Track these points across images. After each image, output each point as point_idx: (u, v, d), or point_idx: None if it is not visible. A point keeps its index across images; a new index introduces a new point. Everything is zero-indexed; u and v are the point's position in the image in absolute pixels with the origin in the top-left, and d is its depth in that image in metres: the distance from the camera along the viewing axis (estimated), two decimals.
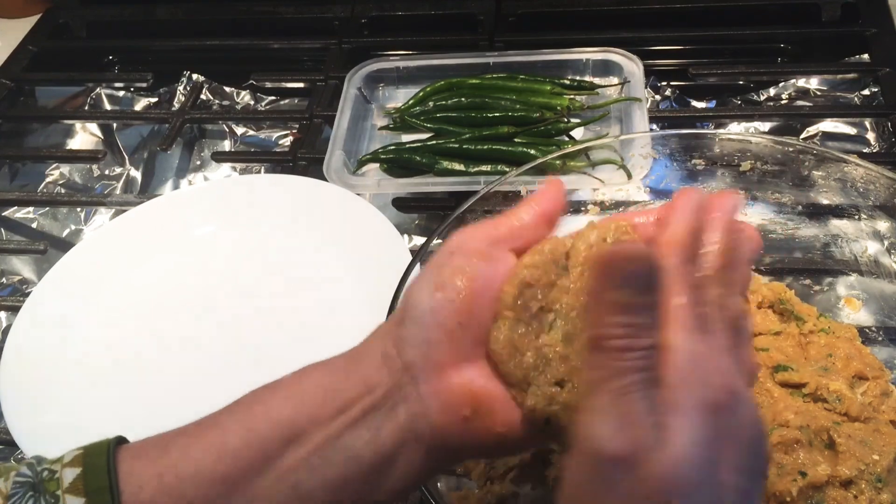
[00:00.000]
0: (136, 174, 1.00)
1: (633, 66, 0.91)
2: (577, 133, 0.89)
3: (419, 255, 0.61)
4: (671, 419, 0.33)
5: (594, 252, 0.40)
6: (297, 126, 0.98)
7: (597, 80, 0.94)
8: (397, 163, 0.88)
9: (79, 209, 0.95)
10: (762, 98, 0.97)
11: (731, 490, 0.33)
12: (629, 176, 0.77)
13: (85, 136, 1.05)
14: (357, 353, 0.43)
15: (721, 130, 0.86)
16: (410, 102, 0.94)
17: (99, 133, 1.04)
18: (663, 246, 0.38)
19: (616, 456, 0.33)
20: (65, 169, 1.00)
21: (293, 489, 0.39)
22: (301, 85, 1.06)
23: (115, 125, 1.03)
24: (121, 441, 0.42)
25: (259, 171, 0.96)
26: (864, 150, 0.88)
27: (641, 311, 0.35)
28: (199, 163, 1.01)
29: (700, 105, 0.96)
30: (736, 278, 0.39)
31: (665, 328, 0.35)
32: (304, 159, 0.92)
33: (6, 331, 0.77)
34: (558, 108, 0.88)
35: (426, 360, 0.40)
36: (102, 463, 0.40)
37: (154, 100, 1.07)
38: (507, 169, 0.82)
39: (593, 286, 0.36)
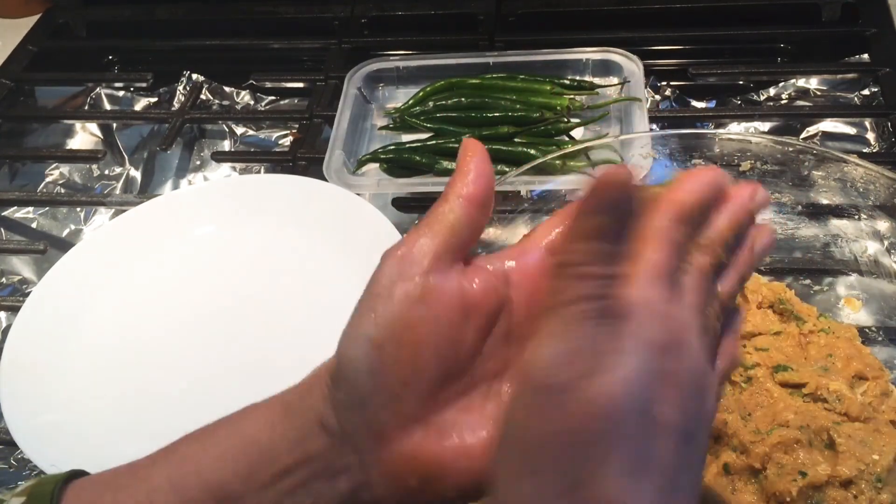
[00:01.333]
0: (136, 174, 1.00)
1: (633, 66, 0.91)
2: (577, 133, 0.89)
3: None
4: (615, 349, 0.32)
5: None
6: (297, 126, 0.98)
7: (597, 80, 0.94)
8: (397, 163, 0.88)
9: (79, 209, 0.95)
10: (762, 98, 0.97)
11: (666, 427, 0.32)
12: None
13: (85, 136, 1.05)
14: (294, 409, 0.38)
15: (721, 130, 0.86)
16: (410, 102, 0.94)
17: (99, 133, 1.04)
18: (664, 201, 0.36)
19: (557, 383, 0.31)
20: (64, 169, 1.00)
21: None
22: (301, 85, 1.06)
23: (114, 125, 1.03)
24: (74, 475, 0.41)
25: (259, 171, 0.96)
26: (864, 150, 0.88)
27: (613, 238, 0.33)
28: (198, 163, 1.01)
29: (700, 105, 0.96)
30: (735, 262, 0.38)
31: (636, 263, 0.34)
32: (304, 159, 0.92)
33: (6, 331, 0.77)
34: (558, 108, 0.88)
35: (367, 429, 0.36)
36: (47, 492, 0.39)
37: (154, 100, 1.07)
38: (507, 169, 0.82)
39: (575, 212, 0.33)
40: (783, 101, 0.96)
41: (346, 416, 0.36)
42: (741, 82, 0.98)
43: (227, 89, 1.06)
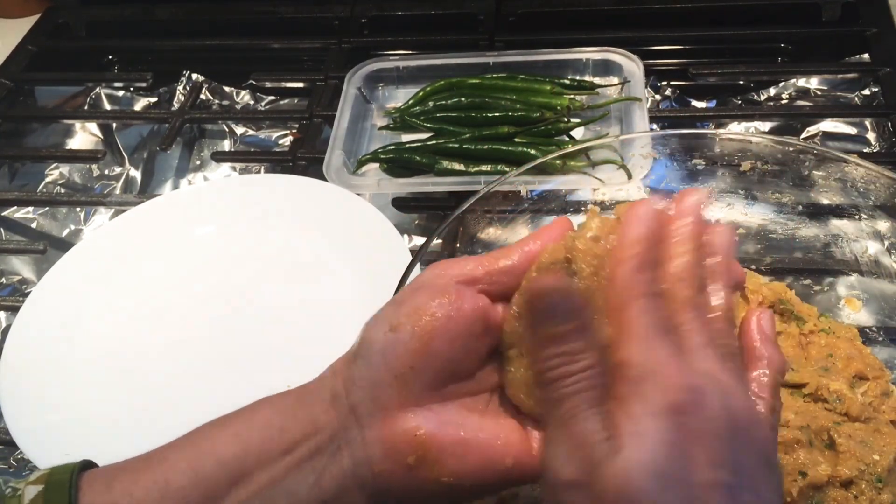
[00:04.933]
0: (136, 174, 1.00)
1: (633, 66, 0.91)
2: (577, 133, 0.89)
3: (419, 255, 0.61)
4: (622, 430, 0.32)
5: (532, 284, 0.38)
6: (297, 126, 0.98)
7: (597, 80, 0.93)
8: (397, 163, 0.87)
9: (78, 209, 0.95)
10: (762, 98, 0.97)
11: (710, 487, 0.32)
12: (629, 176, 0.77)
13: (84, 135, 1.05)
14: (308, 391, 0.41)
15: (721, 130, 0.86)
16: (410, 102, 0.94)
17: (98, 133, 1.04)
18: (613, 259, 0.37)
19: (570, 480, 0.33)
20: (64, 169, 1.00)
21: None
22: (301, 85, 1.06)
23: (114, 125, 1.03)
24: (87, 465, 0.42)
25: (259, 171, 0.96)
26: (865, 150, 0.88)
27: (571, 337, 0.35)
28: (198, 163, 1.01)
29: (700, 105, 0.96)
30: (711, 274, 0.38)
31: (617, 341, 0.34)
32: (304, 159, 0.92)
33: (6, 331, 0.77)
34: (558, 107, 0.88)
35: (372, 403, 0.38)
36: (65, 480, 0.39)
37: (154, 99, 1.07)
38: (507, 169, 0.82)
39: (527, 326, 0.36)
40: (783, 101, 0.96)
41: (356, 391, 0.39)
42: (741, 82, 0.98)
43: (227, 89, 1.06)
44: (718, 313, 0.37)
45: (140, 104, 1.07)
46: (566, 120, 0.88)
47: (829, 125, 0.90)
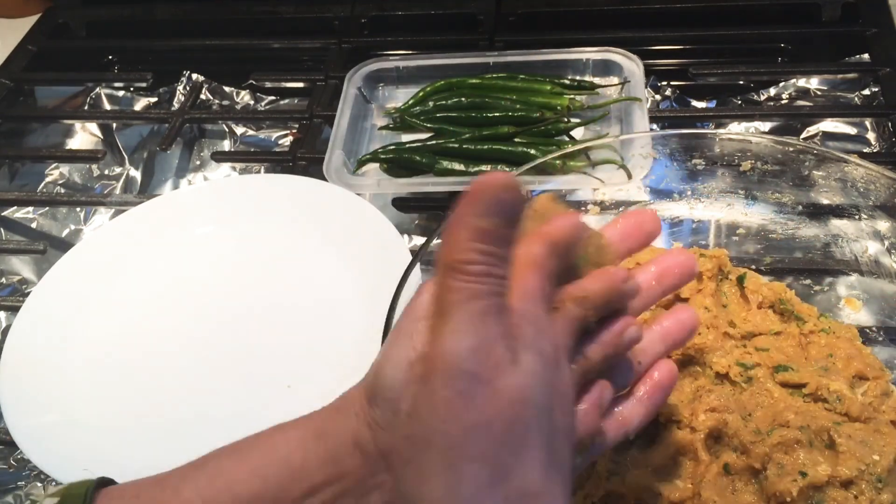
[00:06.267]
0: (136, 174, 1.00)
1: (633, 66, 0.91)
2: (577, 133, 0.89)
3: (419, 255, 0.61)
4: (520, 347, 0.36)
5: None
6: (297, 126, 0.98)
7: (597, 80, 0.94)
8: (397, 163, 0.88)
9: (78, 209, 0.95)
10: (762, 98, 0.96)
11: (560, 429, 0.37)
12: (629, 176, 0.77)
13: (84, 135, 1.05)
14: (328, 428, 0.39)
15: (721, 130, 0.86)
16: (410, 102, 0.94)
17: (98, 133, 1.04)
18: (538, 234, 0.40)
19: (475, 372, 0.34)
20: (64, 169, 1.00)
21: None
22: (301, 85, 1.06)
23: (114, 125, 1.03)
24: (104, 482, 0.41)
25: (259, 171, 0.96)
26: (865, 150, 0.88)
27: (502, 243, 0.37)
28: (198, 163, 1.01)
29: (700, 105, 0.96)
30: (600, 339, 0.42)
31: (515, 285, 0.38)
32: (304, 159, 0.92)
33: (6, 331, 0.77)
34: (558, 107, 0.88)
35: (408, 460, 0.36)
36: (81, 495, 0.39)
37: (154, 100, 1.07)
38: (507, 169, 0.82)
39: (460, 210, 0.36)
40: (783, 101, 0.96)
41: (382, 434, 0.37)
42: (741, 82, 0.98)
43: (227, 89, 1.06)
44: (586, 364, 0.42)
45: (140, 104, 1.07)
46: (566, 120, 0.88)
47: (829, 125, 0.90)
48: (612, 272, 0.43)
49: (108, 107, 1.08)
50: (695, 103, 0.96)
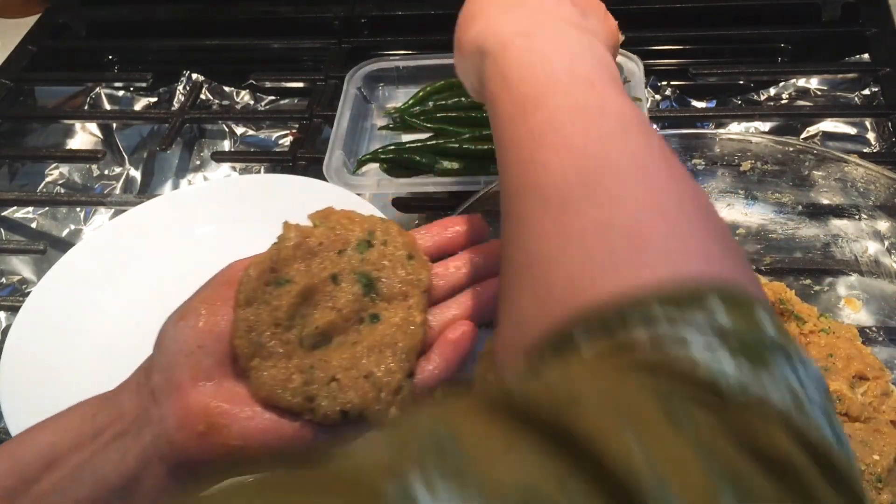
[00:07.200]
0: (136, 174, 1.00)
1: (633, 66, 0.91)
2: None
3: None
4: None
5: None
6: (297, 126, 0.98)
7: None
8: (397, 163, 0.87)
9: (78, 209, 0.95)
10: (762, 98, 0.97)
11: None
12: None
13: (84, 135, 1.05)
14: (120, 385, 0.47)
15: (721, 130, 0.86)
16: (410, 102, 0.94)
17: (98, 133, 1.04)
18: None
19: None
20: (64, 169, 1.00)
21: None
22: (301, 85, 1.06)
23: (114, 125, 1.03)
24: None
25: (259, 171, 0.96)
26: (865, 150, 0.88)
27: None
28: (198, 163, 1.01)
29: (700, 105, 0.96)
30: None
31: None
32: (304, 159, 0.92)
33: (6, 331, 0.77)
34: None
35: (167, 382, 0.43)
36: None
37: (154, 99, 1.07)
38: None
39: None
40: (783, 101, 0.96)
41: (154, 375, 0.44)
42: (741, 82, 0.98)
43: (226, 89, 1.06)
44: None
45: (140, 104, 1.07)
46: None
47: (829, 125, 0.90)
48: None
49: (108, 107, 1.08)
50: (695, 103, 0.96)
